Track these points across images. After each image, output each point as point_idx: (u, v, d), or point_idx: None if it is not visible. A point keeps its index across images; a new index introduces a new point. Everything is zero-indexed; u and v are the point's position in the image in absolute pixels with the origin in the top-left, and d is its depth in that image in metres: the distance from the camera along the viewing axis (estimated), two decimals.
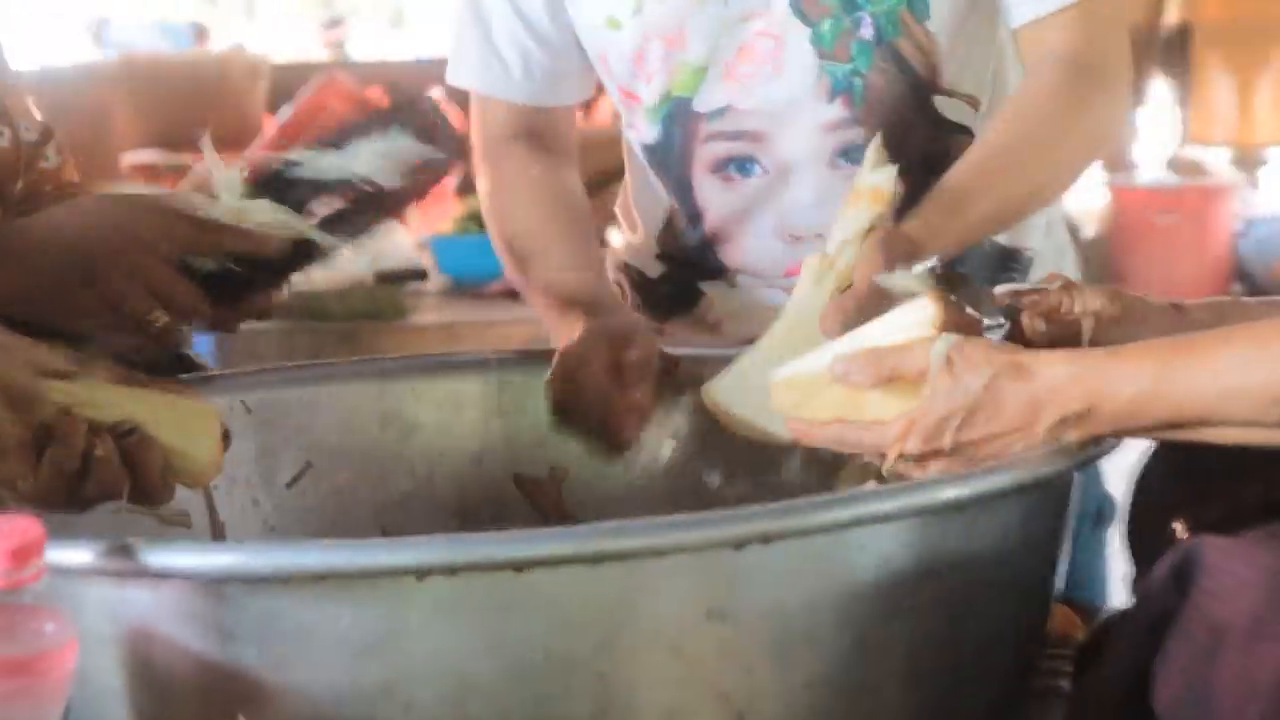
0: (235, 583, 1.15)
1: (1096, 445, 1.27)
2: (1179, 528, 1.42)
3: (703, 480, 1.64)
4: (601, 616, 1.16)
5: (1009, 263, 1.81)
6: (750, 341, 1.73)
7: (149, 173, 7.15)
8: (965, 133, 1.75)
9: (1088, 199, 7.21)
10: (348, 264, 5.07)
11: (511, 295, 4.24)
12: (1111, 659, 1.25)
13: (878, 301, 1.39)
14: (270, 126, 7.39)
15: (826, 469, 1.54)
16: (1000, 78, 1.78)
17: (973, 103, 1.76)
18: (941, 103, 1.75)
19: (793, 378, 1.34)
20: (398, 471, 1.67)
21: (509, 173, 1.85)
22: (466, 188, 7.19)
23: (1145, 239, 7.04)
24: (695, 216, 1.82)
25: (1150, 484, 1.46)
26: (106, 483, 1.29)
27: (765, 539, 1.16)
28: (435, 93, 7.05)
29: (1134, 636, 1.22)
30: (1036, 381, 1.24)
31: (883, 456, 1.29)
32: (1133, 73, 1.73)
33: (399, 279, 4.98)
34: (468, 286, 4.51)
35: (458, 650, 1.15)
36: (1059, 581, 1.40)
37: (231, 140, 7.38)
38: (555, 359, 1.64)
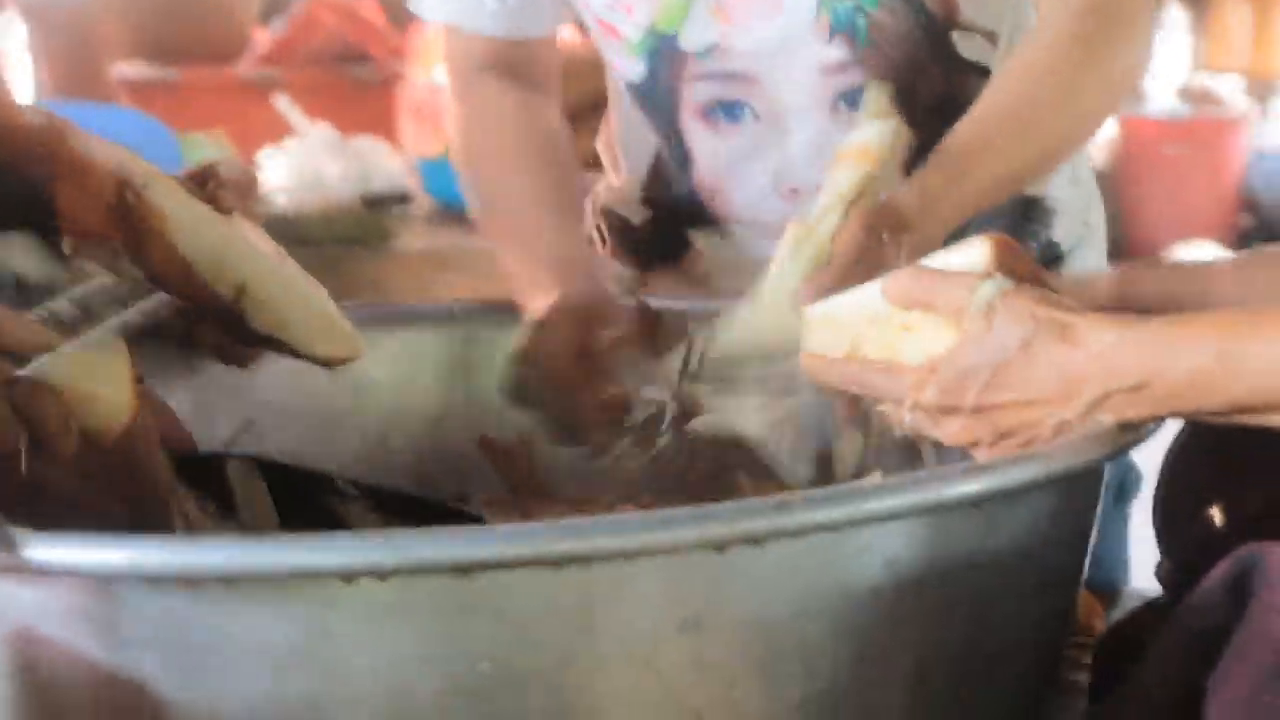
0: (131, 581, 0.99)
1: (1136, 428, 1.10)
2: (1216, 515, 1.26)
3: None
4: (561, 626, 0.99)
5: (1030, 212, 1.63)
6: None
7: (136, 87, 6.97)
8: (982, 73, 1.57)
9: None
10: (333, 186, 4.91)
11: None
12: (1154, 673, 1.08)
13: (858, 280, 1.21)
14: (261, 40, 7.22)
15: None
16: (1019, 9, 1.60)
17: (991, 38, 1.58)
18: (957, 38, 1.57)
19: (828, 314, 1.17)
20: (348, 433, 1.50)
21: (479, 108, 1.66)
22: None
23: (1154, 171, 6.83)
24: (685, 162, 1.63)
25: (1182, 463, 1.28)
26: None
27: (754, 540, 1.00)
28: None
29: (1181, 650, 1.05)
30: (1081, 348, 1.06)
31: (897, 405, 1.12)
32: (1153, 11, 1.54)
33: (385, 203, 4.80)
34: (456, 211, 4.32)
35: (393, 663, 0.98)
36: None
37: (221, 54, 7.22)
38: (519, 334, 1.47)
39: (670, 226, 1.68)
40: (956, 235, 1.39)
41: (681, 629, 1.00)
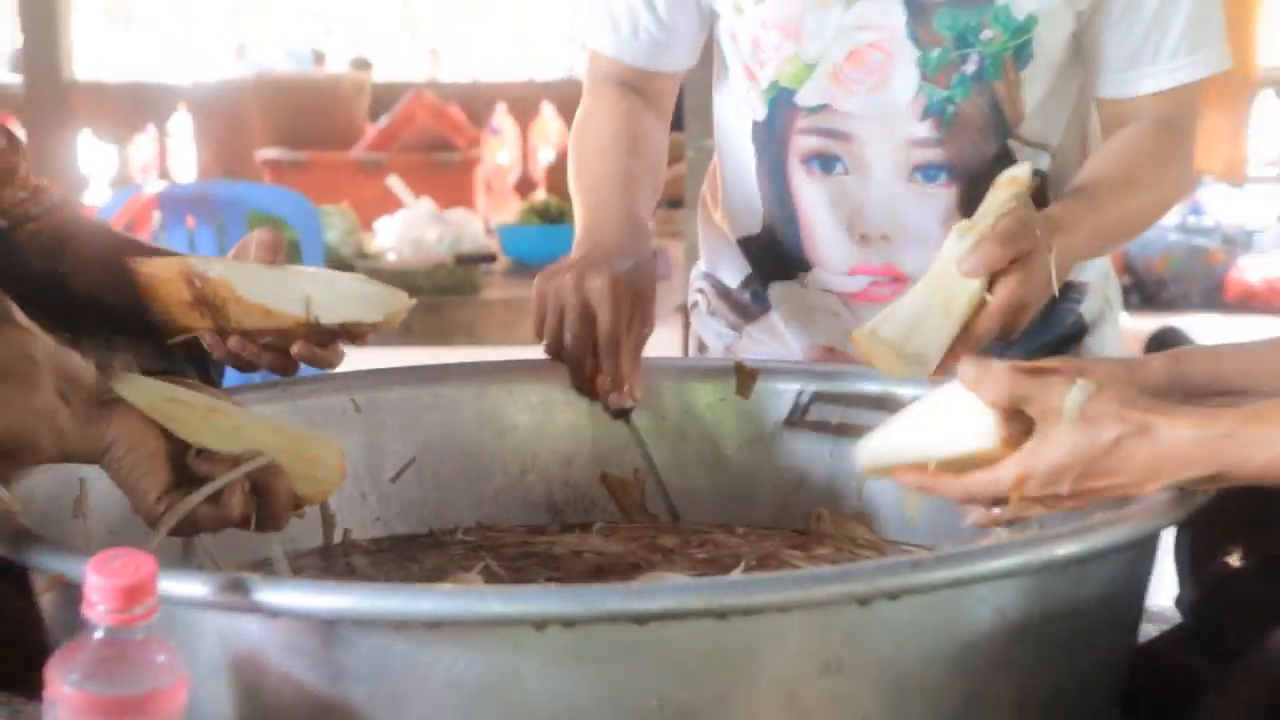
0: (347, 623, 0.84)
1: (1194, 494, 0.96)
2: (1234, 559, 1.11)
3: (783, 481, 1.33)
4: (721, 668, 0.85)
5: (1067, 293, 1.49)
6: (816, 350, 1.44)
7: (275, 167, 6.85)
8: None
9: None
10: (432, 248, 4.77)
11: None
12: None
13: (1016, 242, 1.18)
14: (370, 131, 7.09)
15: None
16: (1078, 124, 1.46)
17: (1044, 148, 1.44)
18: (1014, 145, 1.43)
19: (885, 455, 1.04)
20: (493, 468, 1.34)
21: (597, 106, 1.49)
22: (525, 186, 6.86)
23: None
24: (786, 200, 1.49)
25: (1214, 510, 1.14)
26: (233, 514, 0.96)
27: (892, 595, 0.85)
28: (500, 110, 6.66)
29: (1252, 701, 0.90)
30: (1161, 446, 0.93)
31: (998, 501, 0.97)
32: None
33: (473, 260, 4.68)
34: (529, 267, 4.21)
35: (573, 697, 0.84)
36: None
37: (339, 141, 7.10)
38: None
39: (760, 276, 1.53)
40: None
41: (824, 671, 0.86)
